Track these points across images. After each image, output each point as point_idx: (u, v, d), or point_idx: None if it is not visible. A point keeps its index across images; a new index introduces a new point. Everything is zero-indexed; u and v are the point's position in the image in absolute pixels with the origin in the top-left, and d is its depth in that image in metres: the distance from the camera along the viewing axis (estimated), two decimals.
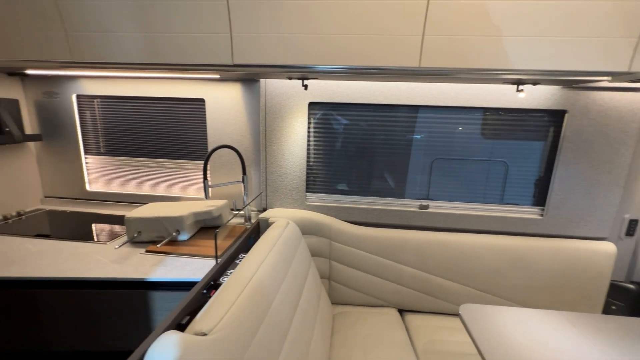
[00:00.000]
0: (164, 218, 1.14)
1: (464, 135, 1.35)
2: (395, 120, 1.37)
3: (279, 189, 1.45)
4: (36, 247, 1.10)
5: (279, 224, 1.20)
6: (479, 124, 1.33)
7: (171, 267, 0.98)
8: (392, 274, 1.35)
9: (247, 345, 0.65)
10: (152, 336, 0.62)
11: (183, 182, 1.57)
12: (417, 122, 1.36)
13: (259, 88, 1.37)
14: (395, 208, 1.41)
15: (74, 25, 1.05)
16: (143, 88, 1.46)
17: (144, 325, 0.96)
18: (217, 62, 1.04)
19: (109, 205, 1.59)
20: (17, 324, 0.95)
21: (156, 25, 1.03)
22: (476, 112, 1.32)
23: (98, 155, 1.59)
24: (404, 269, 1.34)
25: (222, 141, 1.46)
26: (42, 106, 1.52)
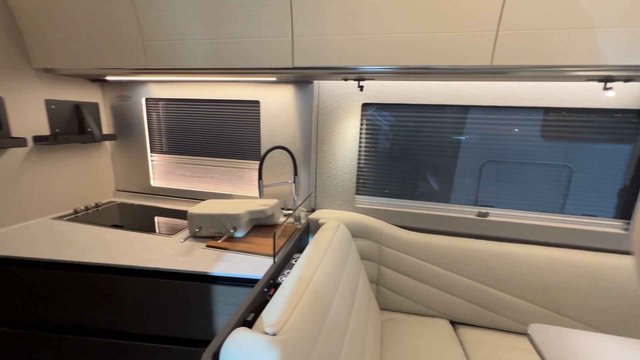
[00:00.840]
0: (223, 215, 1.20)
1: (523, 138, 1.24)
2: (447, 121, 1.30)
3: (328, 190, 1.45)
4: (113, 237, 1.22)
5: (330, 226, 1.20)
6: (541, 125, 1.21)
7: (231, 263, 1.03)
8: (445, 283, 1.28)
9: (311, 348, 0.66)
10: (224, 331, 0.65)
11: (236, 180, 1.64)
12: (470, 122, 1.28)
13: (312, 89, 1.38)
14: (450, 214, 1.34)
15: (150, 35, 1.14)
16: (203, 91, 1.54)
17: (206, 316, 1.02)
18: (277, 65, 1.07)
19: (170, 200, 1.72)
20: (97, 304, 1.06)
21: (221, 31, 1.08)
22: (537, 113, 1.20)
23: (161, 154, 1.72)
24: (459, 279, 1.26)
25: (275, 142, 1.49)
26: (116, 109, 1.69)
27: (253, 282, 0.98)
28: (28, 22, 1.24)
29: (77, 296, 1.06)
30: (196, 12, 1.06)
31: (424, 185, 1.39)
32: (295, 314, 0.68)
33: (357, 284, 1.10)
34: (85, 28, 1.19)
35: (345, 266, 1.03)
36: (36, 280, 1.06)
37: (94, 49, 1.23)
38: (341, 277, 0.96)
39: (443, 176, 1.36)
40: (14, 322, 1.14)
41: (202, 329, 1.03)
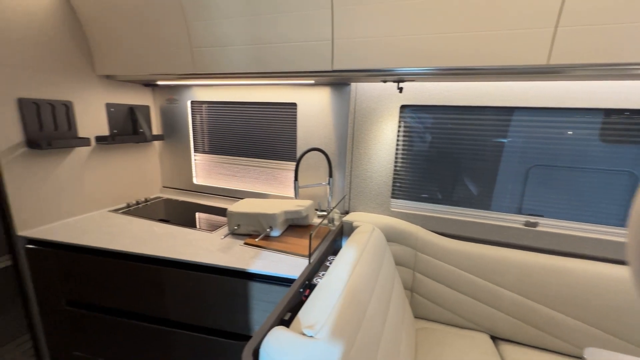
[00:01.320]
0: (260, 214, 1.24)
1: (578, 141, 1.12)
2: (489, 123, 1.23)
3: (363, 193, 1.44)
4: (160, 230, 1.31)
5: (364, 229, 1.19)
6: (600, 128, 1.09)
7: (268, 261, 1.06)
8: (486, 295, 1.21)
9: (348, 351, 0.66)
10: (263, 328, 0.67)
11: (272, 180, 1.68)
12: (516, 124, 1.19)
13: (350, 92, 1.37)
14: (493, 222, 1.26)
15: (198, 42, 1.21)
16: (243, 94, 1.61)
17: (243, 311, 1.06)
18: (317, 69, 1.08)
19: (210, 197, 1.81)
20: (146, 292, 1.15)
21: (263, 37, 1.12)
22: (595, 114, 1.09)
23: (203, 153, 1.82)
24: (503, 293, 1.19)
25: (311, 144, 1.51)
26: (165, 111, 1.81)
27: (288, 282, 1.00)
28: (94, 34, 1.38)
29: (129, 283, 1.16)
30: (240, 19, 1.11)
31: (463, 191, 1.33)
32: (332, 317, 0.68)
33: (392, 289, 1.08)
34: (141, 38, 1.29)
35: (380, 271, 1.02)
36: (96, 266, 1.17)
37: (148, 57, 1.33)
38: (376, 282, 0.95)
39: (483, 181, 1.28)
40: (77, 303, 1.27)
41: (239, 323, 1.08)
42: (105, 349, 1.29)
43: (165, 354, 1.20)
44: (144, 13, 1.23)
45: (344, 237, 1.38)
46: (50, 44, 1.27)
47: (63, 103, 1.34)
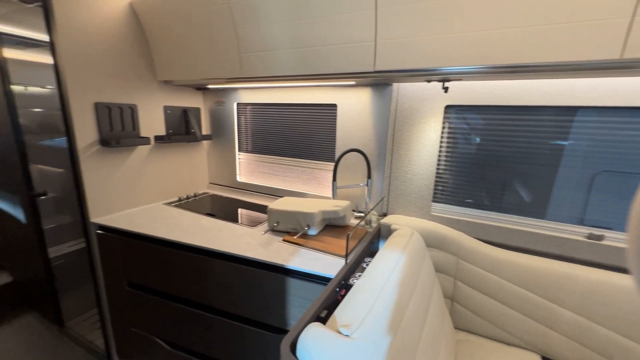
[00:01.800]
0: (298, 213, 1.27)
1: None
2: (546, 124, 1.12)
3: (402, 196, 1.41)
4: (207, 224, 1.41)
5: (403, 233, 1.16)
6: None
7: (305, 259, 1.09)
8: (539, 312, 1.11)
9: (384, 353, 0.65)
10: (300, 323, 0.70)
11: (311, 180, 1.72)
12: (579, 125, 1.07)
13: (391, 92, 1.35)
14: (548, 232, 1.15)
15: (245, 47, 1.28)
16: (286, 95, 1.66)
17: (280, 305, 1.10)
18: (358, 70, 1.08)
19: (252, 194, 1.90)
20: (194, 280, 1.25)
21: (306, 40, 1.15)
22: None
23: (247, 153, 1.92)
24: (559, 312, 1.08)
25: (350, 144, 1.52)
26: (213, 112, 1.94)
27: (324, 280, 1.02)
28: (156, 45, 1.53)
29: (180, 271, 1.27)
30: (284, 24, 1.15)
31: (513, 197, 1.23)
32: (369, 318, 0.68)
33: (431, 296, 1.04)
34: (195, 47, 1.40)
35: (419, 276, 0.99)
36: (153, 253, 1.30)
37: (200, 63, 1.44)
38: (415, 287, 0.92)
39: (538, 187, 1.18)
40: (136, 285, 1.42)
41: (276, 316, 1.12)
42: (157, 328, 1.42)
43: (208, 338, 1.29)
44: (198, 24, 1.33)
45: (382, 240, 1.36)
46: (121, 55, 1.44)
47: (129, 106, 1.51)
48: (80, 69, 1.30)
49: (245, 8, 1.19)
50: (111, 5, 1.37)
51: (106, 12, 1.36)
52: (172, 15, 1.38)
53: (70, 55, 1.26)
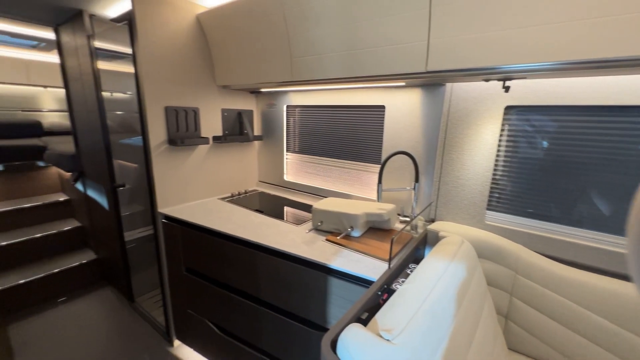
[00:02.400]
0: (342, 214, 1.28)
1: None
2: (631, 126, 0.96)
3: (452, 202, 1.33)
4: (256, 219, 1.49)
5: (452, 241, 1.10)
6: None
7: (347, 260, 1.09)
8: (618, 344, 0.96)
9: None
10: (341, 322, 0.70)
11: (356, 181, 1.72)
12: None
13: (444, 93, 1.29)
14: None
15: (297, 52, 1.33)
16: (334, 97, 1.69)
17: (321, 303, 1.12)
18: (409, 71, 1.06)
19: (298, 194, 1.96)
20: (243, 271, 1.34)
21: (355, 43, 1.15)
22: None
23: (294, 153, 1.99)
24: (636, 343, 0.92)
25: (397, 147, 1.48)
26: (265, 114, 2.05)
27: (366, 282, 1.01)
28: (216, 52, 1.67)
29: (231, 262, 1.37)
30: (335, 28, 1.17)
31: (588, 208, 1.08)
32: (411, 325, 0.66)
33: (481, 311, 0.97)
34: (251, 54, 1.50)
35: (468, 288, 0.93)
36: (208, 243, 1.43)
37: (255, 69, 1.54)
38: (463, 299, 0.87)
39: (621, 199, 1.02)
40: (192, 271, 1.57)
41: (316, 313, 1.14)
42: (209, 312, 1.55)
43: (254, 328, 1.37)
44: (255, 33, 1.42)
45: (428, 247, 1.31)
46: (187, 63, 1.61)
47: (192, 109, 1.67)
48: (154, 77, 1.48)
49: (299, 15, 1.24)
50: (181, 19, 1.53)
51: (177, 25, 1.52)
52: (232, 25, 1.49)
53: (147, 65, 1.44)
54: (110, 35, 1.89)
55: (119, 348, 1.85)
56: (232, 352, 1.50)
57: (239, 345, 1.45)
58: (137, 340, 1.92)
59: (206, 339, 1.62)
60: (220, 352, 1.59)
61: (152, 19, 1.42)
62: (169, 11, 1.48)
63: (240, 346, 1.45)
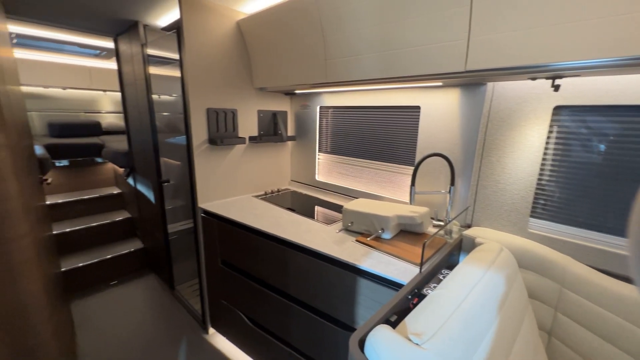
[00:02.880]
0: (373, 215, 1.28)
1: None
2: None
3: (491, 207, 1.26)
4: (288, 217, 1.54)
5: (489, 248, 1.05)
6: None
7: (377, 262, 1.09)
8: None
9: None
10: (369, 322, 0.71)
11: (388, 183, 1.70)
12: None
13: (484, 92, 1.23)
14: None
15: (331, 54, 1.35)
16: (367, 98, 1.68)
17: (349, 303, 1.13)
18: (447, 71, 1.03)
19: (328, 194, 1.98)
20: (275, 267, 1.38)
21: (392, 43, 1.14)
22: None
23: (326, 153, 2.01)
24: None
25: (432, 148, 1.44)
26: (298, 115, 2.10)
27: (395, 285, 1.00)
28: (254, 56, 1.74)
29: (263, 257, 1.42)
30: (371, 28, 1.17)
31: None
32: (442, 332, 0.65)
33: (521, 324, 0.91)
34: (287, 56, 1.55)
35: (506, 298, 0.88)
36: (242, 238, 1.50)
37: (290, 71, 1.58)
38: (500, 309, 0.83)
39: None
40: (227, 263, 1.65)
41: (344, 313, 1.15)
42: (242, 304, 1.63)
43: (283, 322, 1.41)
44: (290, 36, 1.46)
45: (463, 253, 1.25)
46: (227, 67, 1.70)
47: (231, 111, 1.76)
48: (198, 80, 1.59)
49: (334, 18, 1.25)
50: (223, 26, 1.63)
51: (219, 32, 1.62)
52: (269, 29, 1.55)
53: (192, 69, 1.55)
54: (160, 42, 2.06)
55: (160, 330, 2.01)
56: (262, 344, 1.56)
57: (269, 338, 1.50)
58: (177, 325, 2.07)
59: (238, 329, 1.70)
60: (251, 343, 1.66)
61: (197, 26, 1.53)
62: (213, 19, 1.57)
63: (270, 339, 1.50)
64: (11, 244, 0.99)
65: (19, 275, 1.02)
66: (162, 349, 1.85)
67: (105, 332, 1.98)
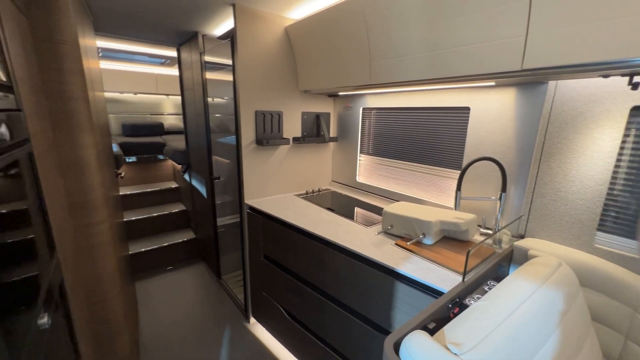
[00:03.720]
0: (414, 219, 1.25)
1: None
2: None
3: (549, 217, 1.15)
4: (327, 217, 1.57)
5: (545, 262, 0.96)
6: None
7: (416, 267, 1.06)
8: None
9: None
10: (406, 327, 0.70)
11: (431, 187, 1.63)
12: None
13: (545, 92, 1.12)
14: None
15: (376, 56, 1.35)
16: (411, 99, 1.64)
17: (385, 306, 1.12)
18: (501, 70, 0.96)
19: (369, 195, 1.97)
20: (314, 265, 1.42)
21: (440, 43, 1.10)
22: None
23: (367, 155, 2.00)
24: None
25: (482, 152, 1.36)
26: (341, 116, 2.12)
27: (435, 292, 0.97)
28: (300, 60, 1.80)
29: (303, 254, 1.47)
30: (417, 28, 1.14)
31: None
32: (484, 344, 0.62)
33: (580, 349, 0.82)
34: (332, 59, 1.58)
35: (563, 318, 0.80)
36: (283, 234, 1.56)
37: (335, 73, 1.61)
38: (555, 329, 0.76)
39: None
40: (268, 257, 1.74)
41: (380, 315, 1.14)
42: (281, 298, 1.70)
43: (320, 319, 1.44)
44: (335, 39, 1.49)
45: (513, 265, 1.16)
46: (274, 71, 1.78)
47: (277, 113, 1.84)
48: (248, 84, 1.69)
49: (379, 20, 1.25)
50: (272, 32, 1.71)
51: (268, 38, 1.71)
52: (315, 34, 1.60)
53: (243, 73, 1.66)
54: (216, 50, 2.24)
55: (207, 315, 2.18)
56: (299, 338, 1.61)
57: (306, 333, 1.55)
58: (222, 311, 2.23)
59: (277, 321, 1.78)
60: (288, 336, 1.72)
61: (249, 34, 1.63)
62: (263, 26, 1.67)
63: (306, 334, 1.54)
64: (94, 227, 1.17)
65: (98, 254, 1.20)
66: (208, 332, 2.01)
67: (161, 311, 2.21)
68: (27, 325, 0.54)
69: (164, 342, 1.92)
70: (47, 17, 0.98)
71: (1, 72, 0.60)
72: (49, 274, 0.72)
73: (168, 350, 1.86)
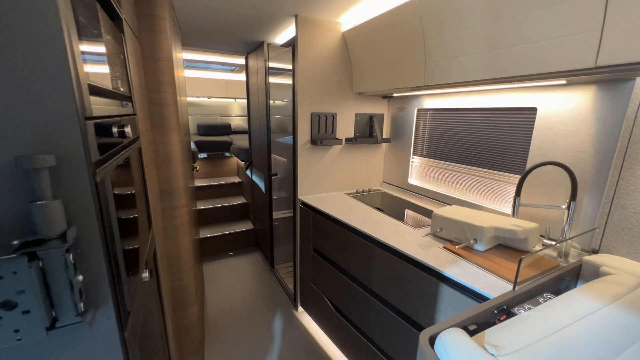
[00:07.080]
0: (466, 224, 1.21)
1: None
2: None
3: (631, 232, 1.02)
4: (376, 217, 1.60)
5: (620, 280, 0.86)
6: None
7: (464, 271, 1.04)
8: None
9: None
10: (445, 323, 0.72)
11: (488, 192, 1.55)
12: None
13: (630, 90, 1.00)
14: None
15: (431, 57, 1.34)
16: (471, 100, 1.57)
17: (428, 307, 1.12)
18: (570, 68, 0.90)
19: (419, 198, 1.94)
20: (360, 261, 1.48)
21: (501, 41, 1.06)
22: None
23: (421, 157, 1.97)
24: None
25: (549, 156, 1.25)
26: (395, 118, 2.12)
27: (481, 298, 0.94)
28: (355, 63, 1.87)
29: (350, 250, 1.53)
30: (477, 28, 1.11)
31: None
32: (527, 351, 0.61)
33: None
34: (387, 62, 1.60)
35: (634, 343, 0.72)
36: (332, 230, 1.65)
37: (390, 75, 1.63)
38: (618, 353, 0.69)
39: None
40: (317, 251, 1.84)
41: (422, 316, 1.15)
42: (327, 290, 1.79)
43: (363, 313, 1.49)
44: (391, 42, 1.51)
45: (581, 282, 1.05)
46: (331, 74, 1.88)
47: (331, 114, 1.94)
48: (306, 88, 1.82)
49: (436, 21, 1.25)
50: (330, 38, 1.81)
51: (326, 44, 1.81)
52: (371, 38, 1.64)
53: (302, 78, 1.79)
54: (278, 56, 2.43)
55: (260, 299, 2.39)
56: (343, 331, 1.68)
57: (349, 325, 1.61)
58: (273, 298, 2.41)
59: (323, 312, 1.88)
60: (333, 328, 1.80)
61: (308, 41, 1.76)
62: (322, 33, 1.78)
63: (350, 328, 1.60)
64: (177, 210, 1.41)
65: (179, 233, 1.44)
66: (261, 314, 2.21)
67: (222, 291, 2.50)
68: (137, 276, 0.72)
69: (224, 318, 2.17)
70: (152, 39, 1.22)
71: (126, 86, 0.80)
72: (148, 243, 0.92)
73: (227, 325, 2.10)
